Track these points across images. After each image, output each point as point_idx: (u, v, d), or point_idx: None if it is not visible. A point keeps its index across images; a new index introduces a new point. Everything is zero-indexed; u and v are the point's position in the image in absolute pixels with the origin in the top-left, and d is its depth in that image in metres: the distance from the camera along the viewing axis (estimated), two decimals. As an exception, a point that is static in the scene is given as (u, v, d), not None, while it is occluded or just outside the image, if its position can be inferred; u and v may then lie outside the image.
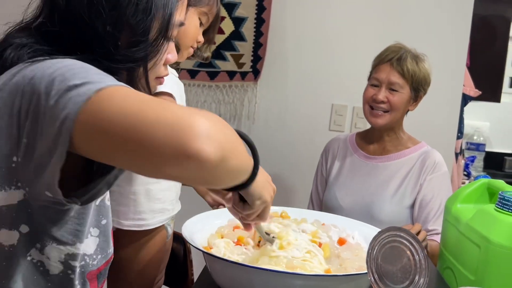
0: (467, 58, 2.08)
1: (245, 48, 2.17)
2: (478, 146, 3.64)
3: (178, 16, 0.77)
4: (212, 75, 2.21)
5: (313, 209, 1.69)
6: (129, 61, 0.72)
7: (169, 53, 0.78)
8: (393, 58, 1.56)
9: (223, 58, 2.19)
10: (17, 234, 0.68)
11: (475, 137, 3.68)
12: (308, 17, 2.11)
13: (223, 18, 2.13)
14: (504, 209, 0.95)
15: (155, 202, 1.09)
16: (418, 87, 1.57)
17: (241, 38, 2.16)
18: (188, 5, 1.03)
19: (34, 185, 0.65)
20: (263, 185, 0.81)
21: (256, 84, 2.17)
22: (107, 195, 0.82)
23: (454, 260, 1.10)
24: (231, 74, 2.20)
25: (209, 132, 0.56)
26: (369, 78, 1.63)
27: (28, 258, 0.70)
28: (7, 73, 0.68)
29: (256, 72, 2.17)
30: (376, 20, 2.06)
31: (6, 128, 0.65)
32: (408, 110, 1.62)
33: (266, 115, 2.18)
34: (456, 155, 2.16)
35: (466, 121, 3.71)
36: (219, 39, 2.17)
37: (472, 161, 3.13)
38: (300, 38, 2.12)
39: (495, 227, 0.95)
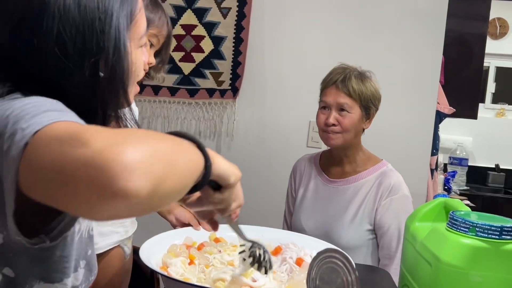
0: (441, 75, 2.12)
1: (224, 66, 2.21)
2: (461, 161, 3.69)
3: (143, 25, 0.77)
4: (192, 93, 2.24)
5: (287, 229, 1.70)
6: (106, 91, 0.70)
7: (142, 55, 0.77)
8: (337, 80, 1.57)
9: (203, 76, 2.22)
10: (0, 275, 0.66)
11: (458, 152, 3.73)
12: (285, 36, 2.15)
13: (203, 37, 2.18)
14: (453, 228, 0.98)
15: (103, 225, 1.10)
16: (368, 104, 1.58)
17: (220, 56, 2.21)
18: None
19: (6, 228, 0.63)
20: (225, 162, 0.76)
21: (235, 101, 2.21)
22: (90, 225, 0.80)
23: (411, 278, 1.12)
24: (210, 92, 2.24)
25: (134, 164, 0.51)
26: (319, 102, 1.63)
27: None
28: None
29: (235, 90, 2.21)
30: (351, 38, 2.10)
31: None
32: (363, 129, 1.62)
33: (245, 132, 2.22)
34: (432, 171, 2.19)
35: (448, 136, 3.79)
36: (198, 57, 2.21)
37: (453, 176, 3.17)
38: (278, 57, 2.17)
39: (445, 246, 0.98)
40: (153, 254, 0.98)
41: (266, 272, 0.90)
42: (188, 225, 1.17)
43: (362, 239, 1.50)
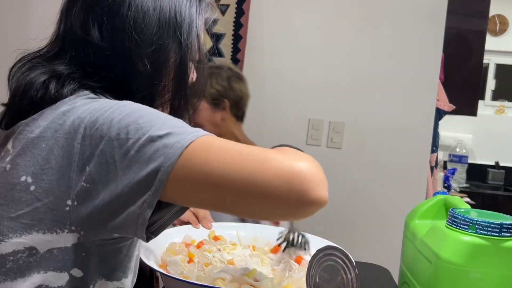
0: (441, 72, 2.12)
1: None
2: (461, 158, 3.68)
3: (204, 39, 0.81)
4: (191, 90, 2.24)
5: None
6: (173, 93, 0.74)
7: (194, 74, 0.81)
8: None
9: (202, 74, 2.21)
10: (66, 276, 0.67)
11: (457, 149, 3.73)
12: (284, 33, 2.15)
13: (201, 34, 2.17)
14: (453, 225, 0.98)
15: None
16: (214, 98, 1.70)
17: (219, 54, 2.20)
18: None
19: (93, 228, 0.64)
20: None
21: (234, 99, 2.20)
22: None
23: (410, 275, 1.12)
24: (209, 89, 2.23)
25: (316, 176, 0.60)
26: None
27: None
28: (53, 109, 0.67)
29: (233, 87, 2.20)
30: (350, 36, 2.09)
31: (61, 170, 0.63)
32: (235, 118, 1.76)
33: (244, 129, 2.21)
34: (432, 168, 2.19)
35: (448, 133, 3.79)
36: (197, 55, 2.20)
37: (453, 173, 3.17)
38: (277, 54, 2.16)
39: (445, 243, 0.97)
40: (152, 252, 0.98)
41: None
42: (187, 223, 1.17)
43: None
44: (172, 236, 1.07)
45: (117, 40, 0.70)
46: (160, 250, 1.02)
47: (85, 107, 0.65)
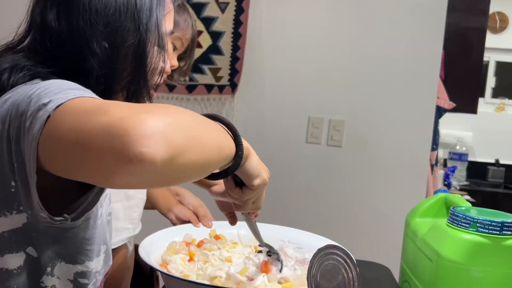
0: (441, 70, 2.11)
1: (222, 61, 2.20)
2: (461, 156, 3.69)
3: (168, 25, 0.79)
4: (190, 88, 2.23)
5: None
6: (130, 78, 0.73)
7: (163, 61, 0.79)
8: None
9: (201, 72, 2.21)
10: (23, 255, 0.68)
11: (457, 147, 3.73)
12: (284, 31, 2.14)
13: (200, 32, 2.17)
14: (454, 224, 0.97)
15: (115, 220, 1.10)
16: None
17: (218, 52, 2.19)
18: None
19: (31, 206, 0.65)
20: (258, 162, 0.77)
21: (233, 97, 2.20)
22: (108, 210, 0.82)
23: (411, 273, 1.11)
24: (209, 88, 2.23)
25: (152, 131, 0.51)
26: None
27: (42, 285, 0.69)
28: (2, 98, 0.68)
29: (233, 86, 2.20)
30: (350, 33, 2.09)
31: (1, 154, 0.65)
32: None
33: (243, 127, 2.20)
34: (432, 166, 2.18)
35: (448, 131, 3.78)
36: (197, 52, 2.19)
37: (453, 171, 3.17)
38: (277, 52, 2.15)
39: (446, 241, 0.97)
40: (152, 251, 0.98)
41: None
42: (188, 222, 1.17)
43: None
44: (172, 235, 1.07)
45: (72, 21, 0.71)
46: (161, 249, 1.01)
47: (22, 91, 0.66)
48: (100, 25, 0.71)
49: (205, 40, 2.18)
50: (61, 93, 0.61)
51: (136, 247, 1.29)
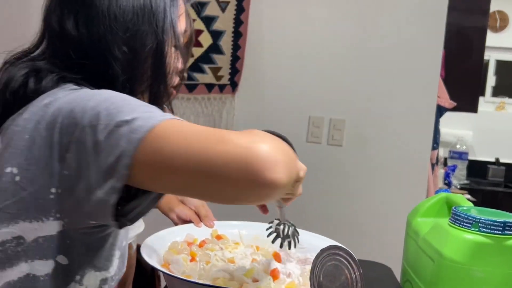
0: (441, 69, 2.11)
1: (223, 61, 2.19)
2: (461, 155, 3.68)
3: (182, 26, 0.81)
4: (191, 88, 2.23)
5: None
6: (151, 80, 0.75)
7: (180, 62, 0.81)
8: None
9: (202, 71, 2.21)
10: (52, 263, 0.68)
11: (458, 146, 3.73)
12: (285, 30, 2.14)
13: (201, 31, 2.16)
14: (456, 224, 0.97)
15: None
16: None
17: (219, 51, 2.19)
18: None
19: (74, 215, 0.66)
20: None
21: (234, 96, 2.20)
22: None
23: (413, 273, 1.11)
24: (209, 87, 2.22)
25: (274, 157, 0.58)
26: None
27: None
28: (36, 103, 0.69)
29: (234, 85, 2.19)
30: (350, 32, 2.09)
31: (43, 160, 0.65)
32: None
33: (244, 127, 2.20)
34: (433, 165, 2.18)
35: (448, 130, 3.78)
36: (197, 52, 2.19)
37: (453, 170, 3.16)
38: (277, 51, 2.15)
39: (448, 241, 0.97)
40: (154, 251, 0.98)
41: (289, 248, 0.95)
42: (189, 222, 1.16)
43: None
44: (174, 235, 1.07)
45: (92, 29, 0.72)
46: (162, 249, 1.01)
47: (65, 98, 0.67)
48: (120, 30, 0.72)
49: (206, 40, 2.18)
50: (140, 109, 0.63)
51: (137, 247, 1.29)
